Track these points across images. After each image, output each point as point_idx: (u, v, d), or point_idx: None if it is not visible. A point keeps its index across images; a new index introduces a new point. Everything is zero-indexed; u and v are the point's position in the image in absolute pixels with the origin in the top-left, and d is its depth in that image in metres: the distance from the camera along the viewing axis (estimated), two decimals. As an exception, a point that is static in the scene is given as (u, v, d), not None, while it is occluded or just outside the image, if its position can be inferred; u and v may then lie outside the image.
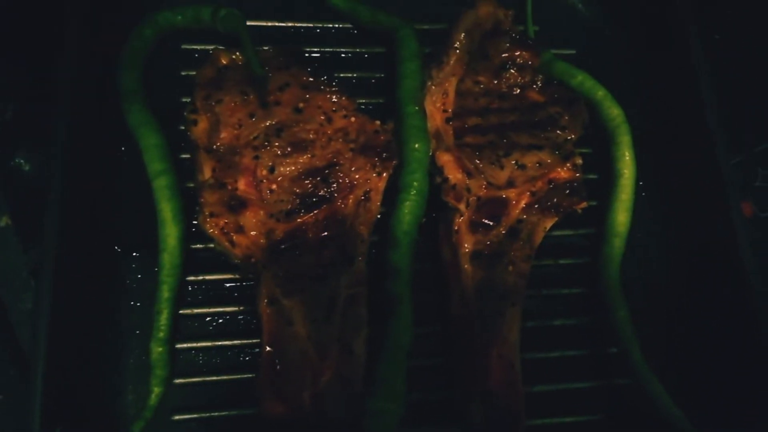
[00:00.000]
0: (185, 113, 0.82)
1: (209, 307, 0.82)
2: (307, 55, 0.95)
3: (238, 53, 0.86)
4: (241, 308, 0.82)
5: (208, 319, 0.82)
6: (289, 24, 0.97)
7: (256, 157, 0.78)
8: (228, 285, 0.84)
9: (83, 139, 0.81)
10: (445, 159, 0.84)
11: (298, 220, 0.77)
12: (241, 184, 0.77)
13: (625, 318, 0.85)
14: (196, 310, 0.81)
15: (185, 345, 0.80)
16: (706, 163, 0.91)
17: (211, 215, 0.76)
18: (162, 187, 0.77)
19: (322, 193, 0.78)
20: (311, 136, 0.81)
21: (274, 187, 0.78)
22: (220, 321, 0.82)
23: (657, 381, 0.82)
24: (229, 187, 0.77)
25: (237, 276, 0.83)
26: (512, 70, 0.92)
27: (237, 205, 0.76)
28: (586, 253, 0.93)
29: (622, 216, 0.89)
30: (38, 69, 0.94)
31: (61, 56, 0.79)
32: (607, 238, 0.89)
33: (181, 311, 0.80)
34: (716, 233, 0.89)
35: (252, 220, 0.77)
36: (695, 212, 0.93)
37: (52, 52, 0.80)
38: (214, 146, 0.80)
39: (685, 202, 0.94)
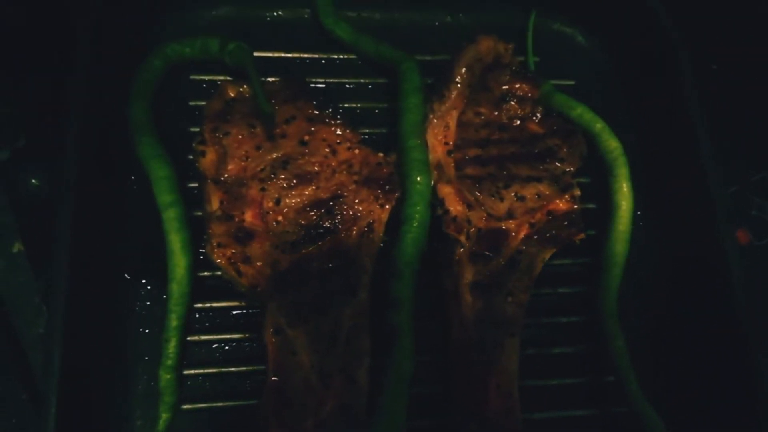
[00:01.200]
0: (194, 145, 0.84)
1: (216, 334, 0.84)
2: (312, 85, 0.98)
3: (245, 86, 0.88)
4: (247, 335, 0.84)
5: (215, 345, 0.84)
6: (295, 55, 0.99)
7: (263, 189, 0.81)
8: (234, 312, 0.86)
9: (93, 168, 0.83)
10: (446, 191, 0.86)
11: (303, 251, 0.79)
12: (248, 216, 0.79)
13: (621, 348, 0.87)
14: (203, 337, 0.83)
15: (193, 371, 0.82)
16: (699, 194, 0.93)
17: (219, 246, 0.79)
18: (171, 218, 0.79)
19: (326, 224, 0.81)
20: (316, 168, 0.83)
21: (279, 218, 0.80)
22: (227, 348, 0.84)
23: (653, 410, 0.84)
24: (237, 219, 0.79)
25: (243, 303, 0.85)
26: (512, 102, 0.95)
27: (244, 236, 0.78)
28: (584, 282, 0.95)
29: (619, 247, 0.91)
30: (50, 98, 0.96)
31: (72, 85, 0.82)
32: (605, 269, 0.91)
33: (188, 338, 0.82)
34: (710, 262, 0.91)
35: (258, 251, 0.79)
36: (690, 241, 0.95)
37: (63, 82, 0.83)
38: (222, 177, 0.82)
39: (681, 232, 0.96)
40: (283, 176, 0.81)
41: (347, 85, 0.99)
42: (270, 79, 0.92)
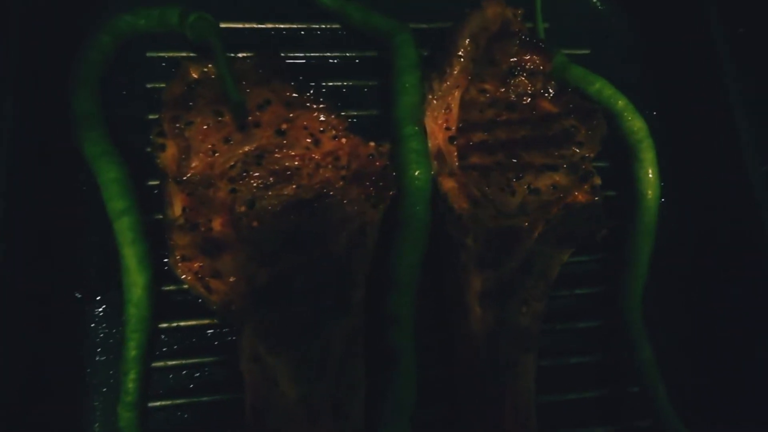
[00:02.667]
0: (151, 136, 0.72)
1: (186, 358, 0.73)
2: (289, 61, 0.84)
3: (210, 65, 0.75)
4: (223, 358, 0.73)
5: (184, 372, 0.73)
6: (269, 26, 0.86)
7: (233, 190, 0.69)
8: (207, 332, 0.75)
9: (31, 169, 0.71)
10: (449, 185, 0.75)
11: (283, 263, 0.67)
12: (216, 224, 0.68)
13: (648, 359, 0.77)
14: (170, 362, 0.72)
15: (159, 403, 0.71)
16: (735, 178, 0.82)
17: (183, 259, 0.67)
18: (124, 229, 0.67)
19: (309, 230, 0.69)
20: (296, 162, 0.72)
21: (254, 224, 0.68)
22: (198, 374, 0.73)
23: (682, 426, 0.75)
24: (203, 228, 0.67)
25: (216, 321, 0.74)
26: (521, 77, 0.83)
27: (212, 248, 0.66)
28: (603, 282, 0.85)
29: (644, 241, 0.81)
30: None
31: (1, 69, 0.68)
32: (627, 266, 0.82)
33: (153, 364, 0.71)
34: (749, 257, 0.80)
35: (230, 264, 0.67)
36: (725, 233, 0.84)
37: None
38: (185, 176, 0.70)
39: (713, 222, 0.86)
40: (257, 174, 0.70)
41: (331, 61, 0.87)
42: (240, 56, 0.79)
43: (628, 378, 0.81)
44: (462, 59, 0.77)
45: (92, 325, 0.72)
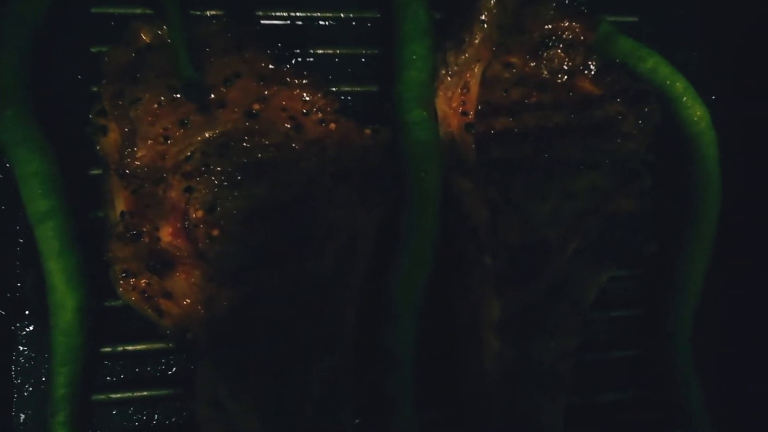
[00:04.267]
0: (90, 116, 0.59)
1: (134, 390, 0.61)
2: (267, 22, 0.70)
3: (166, 27, 0.60)
4: (180, 391, 0.61)
5: (131, 408, 0.61)
6: (245, -23, 0.70)
7: (189, 189, 0.55)
8: (161, 358, 0.63)
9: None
10: (464, 187, 0.63)
11: (251, 285, 0.54)
12: (165, 233, 0.54)
13: (697, 401, 0.65)
14: (114, 395, 0.61)
15: (99, 450, 0.58)
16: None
17: (126, 275, 0.54)
18: (49, 237, 0.53)
19: (284, 242, 0.56)
20: (271, 154, 0.58)
21: (214, 234, 0.55)
22: (147, 412, 0.61)
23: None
24: (147, 239, 0.53)
25: (172, 346, 0.61)
26: (557, 49, 0.69)
27: (159, 265, 0.53)
28: (644, 302, 0.72)
29: (699, 258, 0.68)
30: None
31: None
32: (676, 286, 0.70)
33: (94, 396, 0.60)
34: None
35: (183, 283, 0.54)
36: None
37: None
38: (129, 169, 0.56)
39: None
40: (219, 168, 0.56)
41: (321, 23, 0.73)
42: (207, 15, 0.66)
43: (669, 422, 0.69)
44: (485, 25, 0.65)
45: (20, 347, 0.60)
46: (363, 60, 0.73)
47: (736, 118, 0.76)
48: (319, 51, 0.71)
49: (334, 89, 0.65)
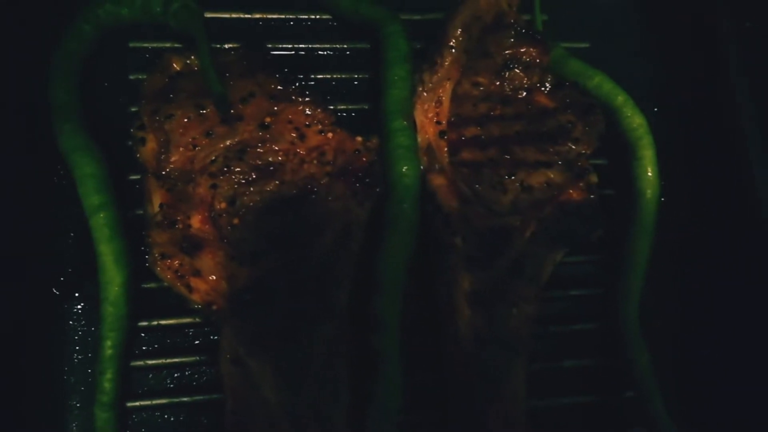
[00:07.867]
0: (132, 130, 0.70)
1: (166, 357, 0.71)
2: (277, 53, 0.81)
3: (193, 57, 0.72)
4: (204, 358, 0.71)
5: (164, 372, 0.71)
6: (257, 16, 0.82)
7: (214, 186, 0.66)
8: (188, 331, 0.72)
9: (9, 160, 0.69)
10: (438, 182, 0.72)
11: (264, 263, 0.65)
12: (195, 221, 0.65)
13: (644, 364, 0.75)
14: (150, 362, 0.70)
15: (138, 403, 0.69)
16: (741, 178, 0.79)
17: (162, 257, 0.65)
18: (101, 225, 0.64)
19: (292, 228, 0.66)
20: (280, 158, 0.69)
21: (234, 222, 0.66)
22: (179, 374, 0.71)
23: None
24: (180, 226, 0.65)
25: (198, 320, 0.72)
26: (517, 70, 0.79)
27: (190, 246, 0.64)
28: (599, 284, 0.82)
29: (642, 242, 0.78)
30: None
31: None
32: (625, 268, 0.79)
33: (132, 363, 0.69)
34: (755, 260, 0.77)
35: (210, 263, 0.65)
36: (728, 235, 0.81)
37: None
38: (164, 171, 0.67)
39: (715, 223, 0.83)
40: (238, 169, 0.67)
41: (321, 53, 0.84)
42: (225, 47, 0.77)
43: (623, 383, 0.78)
44: (454, 50, 0.74)
45: (70, 322, 0.70)
46: (355, 83, 0.82)
47: (675, 124, 0.88)
48: (319, 75, 0.81)
49: (331, 107, 0.74)
